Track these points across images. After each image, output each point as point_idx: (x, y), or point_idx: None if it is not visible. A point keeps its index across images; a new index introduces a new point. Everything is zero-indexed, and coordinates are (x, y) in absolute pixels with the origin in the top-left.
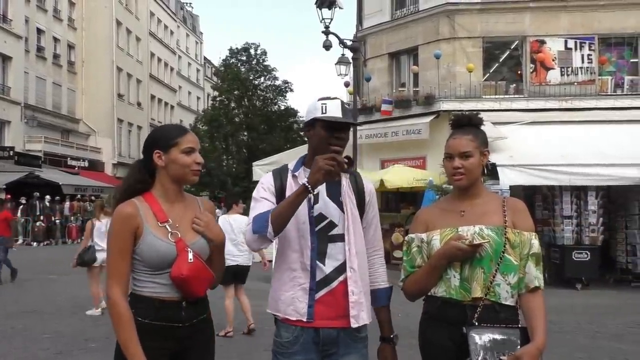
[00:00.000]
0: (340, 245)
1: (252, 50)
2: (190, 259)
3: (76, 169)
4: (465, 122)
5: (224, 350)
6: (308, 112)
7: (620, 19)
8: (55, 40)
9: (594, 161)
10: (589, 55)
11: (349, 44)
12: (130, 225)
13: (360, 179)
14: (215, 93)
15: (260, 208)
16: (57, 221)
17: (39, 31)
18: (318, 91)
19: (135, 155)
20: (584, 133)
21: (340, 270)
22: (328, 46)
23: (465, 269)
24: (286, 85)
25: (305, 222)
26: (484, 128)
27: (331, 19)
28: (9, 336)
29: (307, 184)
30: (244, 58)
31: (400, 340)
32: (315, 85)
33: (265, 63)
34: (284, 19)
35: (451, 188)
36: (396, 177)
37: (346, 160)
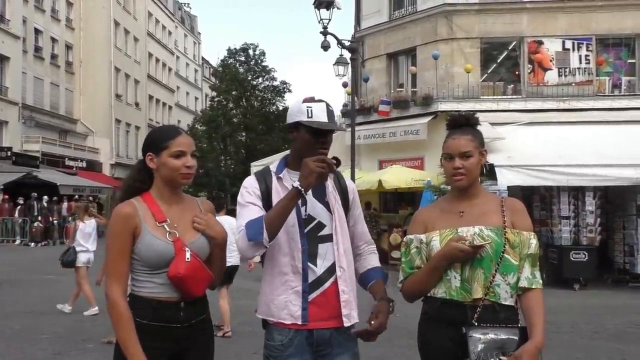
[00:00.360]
0: (329, 245)
1: (251, 51)
2: (188, 258)
3: (74, 169)
4: (463, 122)
5: (223, 350)
6: (292, 114)
7: (617, 19)
8: (53, 40)
9: (591, 162)
10: (587, 56)
11: (347, 44)
12: (129, 225)
13: (343, 178)
14: (214, 93)
15: (250, 214)
16: (55, 221)
17: (37, 31)
18: (318, 91)
19: (133, 156)
20: (582, 134)
21: (331, 270)
22: (326, 47)
23: (465, 269)
24: (284, 85)
25: (294, 225)
26: (481, 128)
27: (329, 20)
28: (7, 337)
29: (300, 187)
30: (243, 58)
31: (399, 341)
32: (313, 85)
33: (263, 63)
34: (282, 20)
35: (449, 188)
36: (394, 178)
37: (334, 162)
